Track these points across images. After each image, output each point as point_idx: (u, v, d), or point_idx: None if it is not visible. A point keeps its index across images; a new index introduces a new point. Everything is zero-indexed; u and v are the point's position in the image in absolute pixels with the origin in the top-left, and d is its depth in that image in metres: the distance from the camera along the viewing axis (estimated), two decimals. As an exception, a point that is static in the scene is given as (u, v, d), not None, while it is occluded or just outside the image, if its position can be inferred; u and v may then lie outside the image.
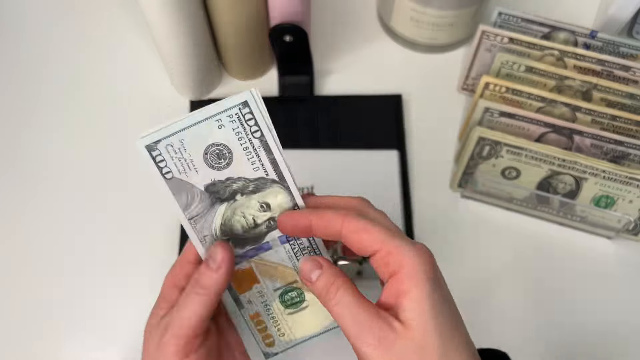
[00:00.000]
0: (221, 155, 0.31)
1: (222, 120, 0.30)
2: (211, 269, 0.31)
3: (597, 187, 0.46)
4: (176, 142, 0.30)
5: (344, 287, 0.29)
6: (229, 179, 0.32)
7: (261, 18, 0.49)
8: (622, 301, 0.47)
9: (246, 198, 0.32)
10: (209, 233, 0.33)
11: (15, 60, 0.57)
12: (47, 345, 0.45)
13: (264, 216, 0.33)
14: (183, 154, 0.31)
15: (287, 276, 0.35)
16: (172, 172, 0.31)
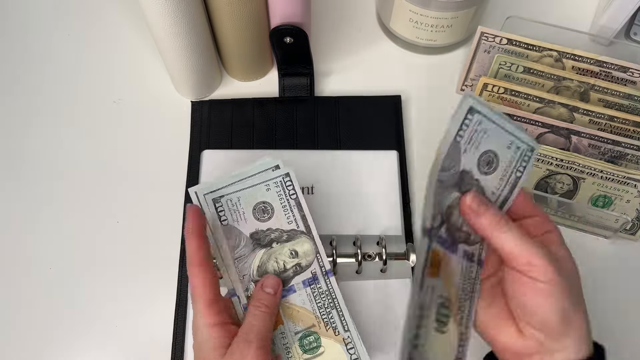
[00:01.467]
0: (265, 211, 0.41)
1: (269, 185, 0.41)
2: (269, 293, 0.39)
3: (594, 187, 0.46)
4: (234, 198, 0.40)
5: (510, 223, 0.34)
6: (269, 229, 0.41)
7: (261, 19, 0.49)
8: (620, 300, 0.47)
9: (280, 246, 0.41)
10: (248, 273, 0.40)
11: (15, 61, 0.58)
12: (50, 348, 0.46)
13: (292, 262, 0.40)
14: (238, 208, 0.40)
15: (307, 320, 0.40)
16: (227, 220, 0.40)
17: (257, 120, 0.53)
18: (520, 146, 0.34)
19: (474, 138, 0.33)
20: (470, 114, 0.33)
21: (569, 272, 0.34)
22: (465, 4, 0.50)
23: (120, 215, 0.50)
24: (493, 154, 0.34)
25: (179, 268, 0.48)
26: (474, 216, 0.34)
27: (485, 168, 0.34)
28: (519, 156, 0.35)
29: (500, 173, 0.35)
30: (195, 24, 0.47)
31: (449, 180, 0.33)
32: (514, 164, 0.35)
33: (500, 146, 0.34)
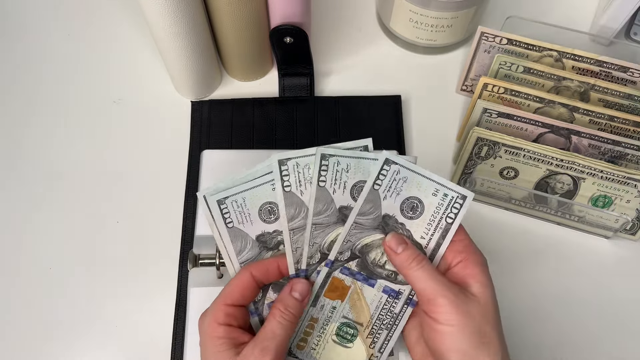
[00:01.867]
0: (272, 212, 0.38)
1: (275, 184, 0.37)
2: (297, 299, 0.37)
3: (594, 187, 0.46)
4: (239, 199, 0.38)
5: (426, 260, 0.35)
6: (275, 231, 0.38)
7: (261, 19, 0.49)
8: (620, 300, 0.47)
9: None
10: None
11: (14, 61, 0.58)
12: (50, 348, 0.46)
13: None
14: (243, 209, 0.38)
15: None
16: (233, 222, 0.38)
17: (257, 120, 0.53)
18: (448, 193, 0.37)
19: (393, 186, 0.37)
20: (387, 164, 0.36)
21: (477, 309, 0.34)
22: (465, 4, 0.50)
23: (120, 215, 0.50)
24: (417, 199, 0.37)
25: (178, 268, 0.48)
26: (392, 254, 0.36)
27: (409, 213, 0.37)
28: (447, 203, 0.37)
29: (427, 218, 0.37)
30: (195, 24, 0.47)
31: (368, 224, 0.37)
32: (442, 210, 0.37)
33: (424, 193, 0.37)
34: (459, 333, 0.33)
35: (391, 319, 0.38)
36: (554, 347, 0.46)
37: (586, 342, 0.46)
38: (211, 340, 0.35)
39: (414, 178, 0.37)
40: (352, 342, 0.39)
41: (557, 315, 0.47)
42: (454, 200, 0.37)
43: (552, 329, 0.46)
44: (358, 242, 0.38)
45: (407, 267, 0.35)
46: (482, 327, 0.33)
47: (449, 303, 0.33)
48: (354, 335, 0.39)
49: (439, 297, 0.34)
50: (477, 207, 0.51)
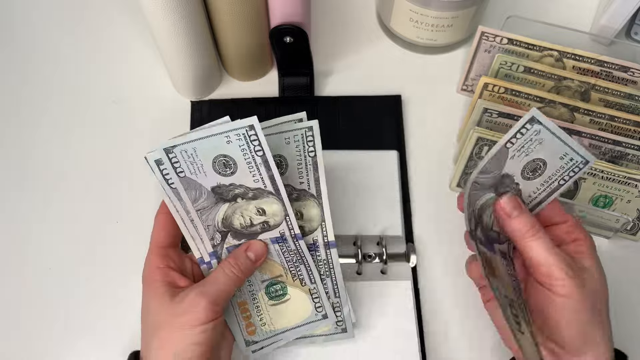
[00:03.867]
0: (227, 165, 0.37)
1: (230, 137, 0.36)
2: (251, 259, 0.38)
3: (595, 187, 0.46)
4: (189, 149, 0.36)
5: (542, 230, 0.35)
6: (232, 184, 0.37)
7: (261, 19, 0.49)
8: (620, 300, 0.47)
9: (245, 202, 0.38)
10: (212, 223, 0.38)
11: (14, 61, 0.57)
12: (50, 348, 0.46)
13: (259, 219, 0.39)
14: (195, 159, 0.36)
15: (274, 270, 0.40)
16: (184, 172, 0.37)
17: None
18: (574, 158, 0.36)
19: (526, 146, 0.35)
20: (530, 123, 0.34)
21: (592, 286, 0.34)
22: (465, 3, 0.50)
23: (120, 215, 0.50)
24: (542, 162, 0.36)
25: (178, 268, 0.48)
26: (507, 219, 0.35)
27: (529, 174, 0.36)
28: (569, 167, 0.36)
29: (544, 179, 0.36)
30: (195, 24, 0.47)
31: (486, 182, 0.35)
32: (561, 172, 0.36)
33: (553, 155, 0.35)
34: (578, 305, 0.33)
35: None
36: (555, 347, 0.46)
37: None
38: (149, 285, 0.37)
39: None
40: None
41: (558, 315, 0.47)
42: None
43: (552, 329, 0.46)
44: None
45: (523, 235, 0.34)
46: (596, 304, 0.34)
47: (567, 276, 0.33)
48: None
49: (557, 270, 0.33)
50: (478, 207, 0.51)
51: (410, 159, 0.52)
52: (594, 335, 0.34)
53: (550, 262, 0.33)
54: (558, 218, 0.37)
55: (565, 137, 0.35)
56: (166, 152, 0.36)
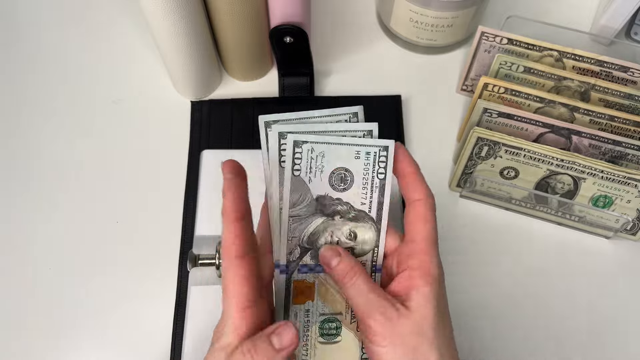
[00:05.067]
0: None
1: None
2: (274, 346, 0.30)
3: (595, 187, 0.46)
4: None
5: (359, 273, 0.33)
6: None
7: (261, 19, 0.49)
8: (620, 300, 0.47)
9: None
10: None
11: (15, 61, 0.57)
12: (50, 348, 0.46)
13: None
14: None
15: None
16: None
17: (257, 120, 0.53)
18: (370, 151, 0.35)
19: (313, 165, 0.34)
20: (297, 146, 0.34)
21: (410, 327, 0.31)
22: (465, 3, 0.50)
23: (120, 215, 0.50)
24: (343, 169, 0.35)
25: (178, 268, 0.47)
26: (327, 269, 0.35)
27: (341, 185, 0.35)
28: (372, 160, 0.35)
29: (360, 183, 0.35)
30: (195, 24, 0.47)
31: (304, 212, 0.35)
32: (370, 169, 0.35)
33: (347, 160, 0.34)
34: (390, 354, 0.31)
35: None
36: (555, 347, 0.46)
37: (586, 342, 0.46)
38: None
39: (331, 150, 0.34)
40: (340, 335, 0.37)
41: (557, 315, 0.47)
42: (378, 155, 0.34)
43: (552, 329, 0.46)
44: (302, 234, 0.35)
45: (341, 282, 0.34)
46: (415, 346, 0.31)
47: (376, 324, 0.31)
48: (337, 327, 0.37)
49: (368, 318, 0.32)
50: (477, 207, 0.50)
51: (410, 159, 0.52)
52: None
53: (362, 310, 0.32)
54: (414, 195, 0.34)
55: (345, 140, 0.34)
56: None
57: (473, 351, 0.45)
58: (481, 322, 0.46)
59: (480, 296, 0.47)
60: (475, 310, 0.47)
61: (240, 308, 0.30)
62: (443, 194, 0.51)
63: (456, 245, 0.49)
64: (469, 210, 0.50)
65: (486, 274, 0.48)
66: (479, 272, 0.48)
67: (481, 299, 0.47)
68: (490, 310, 0.47)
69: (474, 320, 0.46)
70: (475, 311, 0.47)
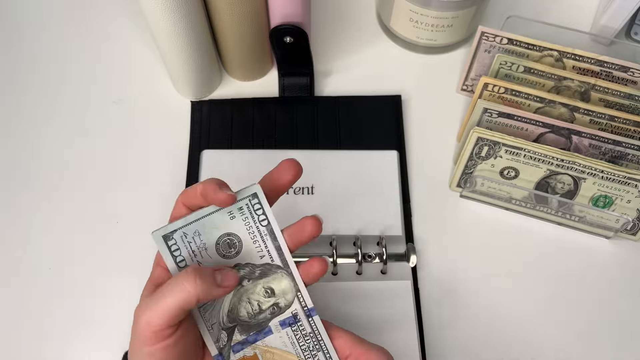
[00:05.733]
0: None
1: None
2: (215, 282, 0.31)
3: (595, 187, 0.46)
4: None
5: None
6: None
7: (261, 19, 0.49)
8: (620, 300, 0.47)
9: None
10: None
11: (15, 61, 0.57)
12: (50, 348, 0.46)
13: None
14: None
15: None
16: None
17: (257, 120, 0.53)
18: (241, 205, 0.33)
19: (194, 248, 0.33)
20: (168, 240, 0.33)
21: None
22: (465, 3, 0.50)
23: (120, 215, 0.50)
24: (226, 236, 0.34)
25: (178, 268, 0.47)
26: None
27: (231, 251, 0.34)
28: (248, 213, 0.33)
29: (249, 241, 0.34)
30: (195, 24, 0.47)
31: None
32: (251, 222, 0.34)
33: (224, 226, 0.33)
34: None
35: (312, 339, 0.35)
36: (555, 347, 0.46)
37: (586, 342, 0.46)
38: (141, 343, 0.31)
39: (204, 223, 0.33)
40: None
41: (557, 315, 0.47)
42: (250, 204, 0.33)
43: (552, 329, 0.46)
44: (220, 317, 0.34)
45: None
46: None
47: None
48: None
49: None
50: (477, 207, 0.51)
51: (410, 159, 0.52)
52: None
53: None
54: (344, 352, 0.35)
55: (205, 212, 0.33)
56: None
57: (470, 350, 0.45)
58: (480, 322, 0.46)
59: (480, 296, 0.47)
60: (475, 310, 0.47)
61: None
62: (443, 194, 0.51)
63: (456, 245, 0.49)
64: (469, 210, 0.50)
65: (486, 274, 0.48)
66: (478, 272, 0.48)
67: (481, 299, 0.47)
68: (490, 310, 0.47)
69: (473, 320, 0.46)
70: (474, 310, 0.47)
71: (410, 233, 0.49)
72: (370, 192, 0.49)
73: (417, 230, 0.49)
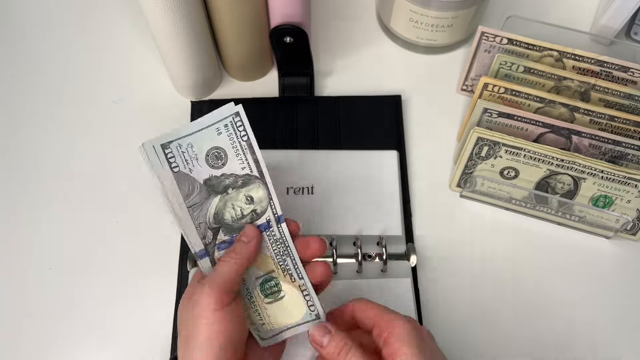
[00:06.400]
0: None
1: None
2: (244, 242, 0.38)
3: (595, 187, 0.46)
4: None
5: (353, 349, 0.35)
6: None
7: (261, 19, 0.49)
8: (620, 300, 0.47)
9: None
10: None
11: (15, 61, 0.58)
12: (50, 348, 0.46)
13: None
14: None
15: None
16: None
17: (256, 120, 0.53)
18: (226, 122, 0.38)
19: (187, 157, 0.38)
20: (165, 148, 0.37)
21: None
22: (465, 3, 0.50)
23: (120, 215, 0.50)
24: (214, 149, 0.38)
25: (178, 268, 0.47)
26: (320, 349, 0.37)
27: (219, 162, 0.38)
28: (232, 129, 0.38)
29: (234, 156, 0.38)
30: (195, 24, 0.47)
31: (200, 198, 0.38)
32: (235, 138, 0.38)
33: (212, 139, 0.38)
34: None
35: (282, 245, 0.39)
36: (555, 347, 0.46)
37: (586, 342, 0.46)
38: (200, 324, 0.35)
39: (196, 138, 0.37)
40: (281, 290, 0.40)
41: (557, 315, 0.47)
42: (234, 122, 0.38)
43: (552, 329, 0.46)
44: (206, 218, 0.38)
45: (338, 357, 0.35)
46: None
47: None
48: (277, 284, 0.40)
49: None
50: (477, 207, 0.51)
51: (410, 159, 0.52)
52: None
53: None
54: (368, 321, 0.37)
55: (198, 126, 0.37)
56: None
57: (471, 350, 0.45)
58: (480, 322, 0.46)
59: (480, 296, 0.47)
60: (475, 310, 0.47)
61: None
62: (443, 194, 0.51)
63: (456, 245, 0.49)
64: (469, 210, 0.50)
65: (486, 274, 0.48)
66: (478, 272, 0.48)
67: (481, 299, 0.47)
68: (490, 310, 0.47)
69: (473, 320, 0.46)
70: (474, 311, 0.47)
71: (410, 233, 0.49)
72: (370, 192, 0.49)
73: (417, 230, 0.49)
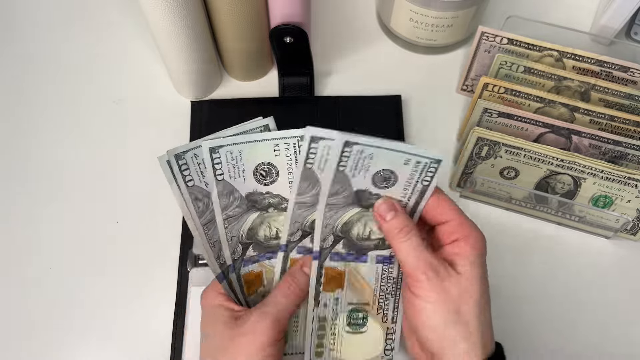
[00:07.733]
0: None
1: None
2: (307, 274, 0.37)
3: (595, 187, 0.46)
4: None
5: (414, 231, 0.35)
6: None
7: (261, 19, 0.49)
8: (620, 300, 0.47)
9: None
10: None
11: (15, 61, 0.58)
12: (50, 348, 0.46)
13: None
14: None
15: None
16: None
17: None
18: (421, 161, 0.35)
19: (360, 164, 0.35)
20: (347, 147, 0.34)
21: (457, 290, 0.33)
22: (465, 3, 0.50)
23: (120, 215, 0.50)
24: (389, 171, 0.35)
25: (178, 268, 0.47)
26: (381, 221, 0.36)
27: (382, 184, 0.36)
28: (421, 169, 0.35)
29: (402, 185, 0.36)
30: (195, 24, 0.47)
31: (340, 202, 0.36)
32: (417, 176, 0.35)
33: (395, 164, 0.35)
34: (434, 310, 0.33)
35: (392, 285, 0.38)
36: (554, 347, 0.46)
37: (586, 342, 0.46)
38: (210, 308, 0.36)
39: (380, 153, 0.35)
40: (365, 325, 0.38)
41: (557, 315, 0.47)
42: (428, 165, 0.35)
43: (551, 329, 0.46)
44: (336, 223, 0.36)
45: (394, 236, 0.35)
46: (459, 307, 0.33)
47: (427, 279, 0.33)
48: (364, 317, 0.38)
49: (419, 273, 0.33)
50: (477, 207, 0.50)
51: (410, 159, 0.52)
52: (452, 335, 0.33)
53: (413, 264, 0.34)
54: (442, 217, 0.36)
55: (397, 146, 0.35)
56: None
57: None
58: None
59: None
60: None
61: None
62: (443, 194, 0.51)
63: (456, 245, 0.49)
64: (468, 210, 0.50)
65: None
66: (479, 272, 0.48)
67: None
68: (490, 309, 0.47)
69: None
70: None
71: (410, 233, 0.49)
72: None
73: (417, 230, 0.49)
